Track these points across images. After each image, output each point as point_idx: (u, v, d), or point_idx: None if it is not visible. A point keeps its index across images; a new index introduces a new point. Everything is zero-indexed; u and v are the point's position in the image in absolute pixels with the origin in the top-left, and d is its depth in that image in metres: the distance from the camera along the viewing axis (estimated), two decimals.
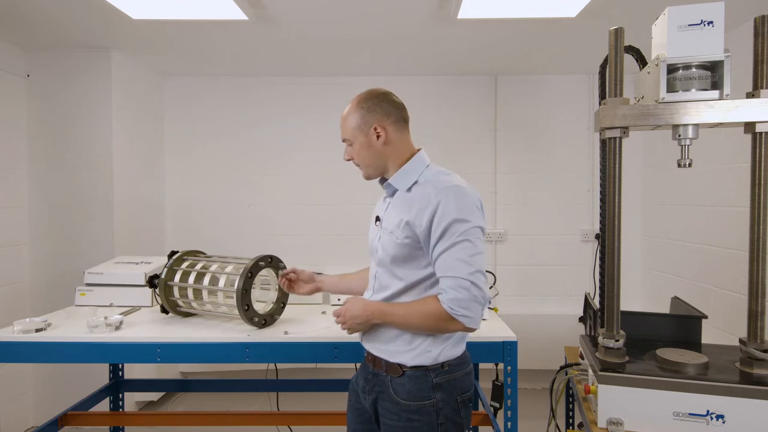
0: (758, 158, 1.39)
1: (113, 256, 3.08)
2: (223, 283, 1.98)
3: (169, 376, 3.66)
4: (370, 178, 1.50)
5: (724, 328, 2.79)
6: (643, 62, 1.66)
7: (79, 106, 3.21)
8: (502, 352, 1.80)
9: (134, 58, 3.43)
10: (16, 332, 1.87)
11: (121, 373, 2.73)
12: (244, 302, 1.85)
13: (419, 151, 1.47)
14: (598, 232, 2.30)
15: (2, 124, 3.04)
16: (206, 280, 2.08)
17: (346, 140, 1.48)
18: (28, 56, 3.21)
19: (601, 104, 1.51)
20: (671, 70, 1.41)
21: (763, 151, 1.38)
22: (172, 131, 3.96)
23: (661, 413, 1.35)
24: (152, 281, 2.19)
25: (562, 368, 1.86)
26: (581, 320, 2.12)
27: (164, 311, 2.13)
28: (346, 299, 1.46)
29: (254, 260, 1.91)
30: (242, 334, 1.87)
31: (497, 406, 1.84)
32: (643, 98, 1.56)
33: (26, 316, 2.73)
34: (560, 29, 2.87)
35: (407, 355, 1.37)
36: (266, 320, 1.94)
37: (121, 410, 2.74)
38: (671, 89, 1.41)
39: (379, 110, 1.42)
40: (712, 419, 1.31)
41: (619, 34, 1.43)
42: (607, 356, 1.48)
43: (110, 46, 3.16)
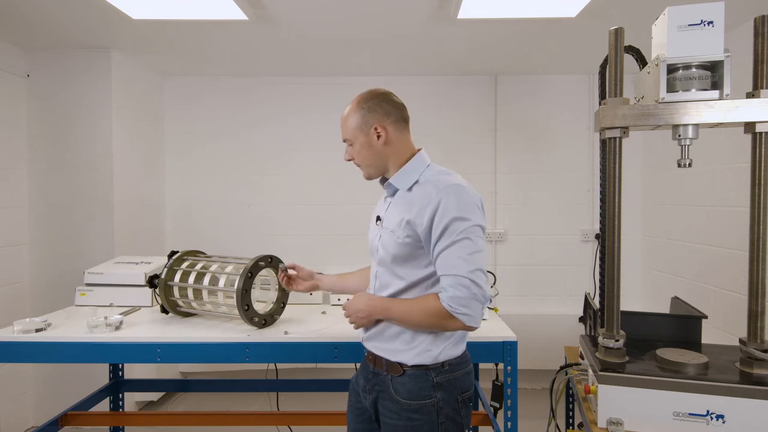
0: (758, 158, 1.39)
1: (113, 256, 3.08)
2: (223, 283, 1.97)
3: (169, 376, 3.66)
4: (371, 178, 1.50)
5: (724, 328, 2.79)
6: (643, 62, 1.66)
7: (79, 106, 3.21)
8: (502, 352, 1.80)
9: (134, 58, 3.43)
10: (16, 332, 1.87)
11: (121, 373, 2.73)
12: (244, 302, 1.85)
13: (420, 150, 1.47)
14: (598, 232, 2.29)
15: (2, 124, 3.04)
16: (206, 280, 2.08)
17: (346, 140, 1.48)
18: (28, 56, 3.21)
19: (601, 104, 1.50)
20: (671, 70, 1.41)
21: (763, 151, 1.38)
22: (172, 131, 3.96)
23: (661, 413, 1.35)
24: (152, 281, 2.19)
25: (562, 368, 1.87)
26: (581, 320, 2.12)
27: (164, 311, 2.13)
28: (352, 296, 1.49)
29: (254, 260, 1.91)
30: (242, 334, 1.87)
31: (497, 406, 1.84)
32: (643, 98, 1.56)
33: (26, 316, 2.73)
34: (560, 29, 2.87)
35: (408, 354, 1.38)
36: (266, 320, 1.94)
37: (121, 410, 2.74)
38: (671, 89, 1.41)
39: (379, 110, 1.42)
40: (712, 419, 1.31)
41: (619, 34, 1.43)
42: (607, 356, 1.48)
43: (110, 46, 3.16)
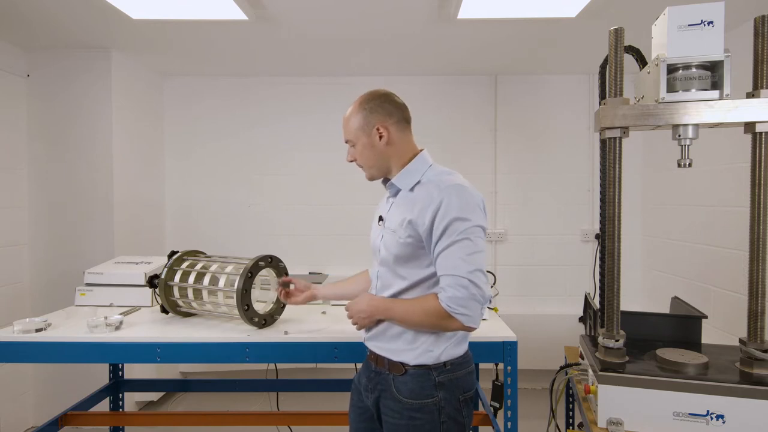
0: (758, 158, 1.39)
1: (113, 256, 3.08)
2: (223, 283, 1.97)
3: (169, 376, 3.66)
4: (373, 178, 1.50)
5: (724, 328, 2.79)
6: (643, 62, 1.66)
7: (79, 106, 3.21)
8: (502, 352, 1.79)
9: (134, 58, 3.43)
10: (16, 332, 1.87)
11: (121, 373, 2.73)
12: (244, 302, 1.85)
13: (422, 151, 1.47)
14: (598, 232, 2.29)
15: (2, 124, 3.04)
16: (206, 280, 2.08)
17: (348, 141, 1.48)
18: (28, 56, 3.21)
19: (601, 104, 1.51)
20: (671, 70, 1.41)
21: (763, 151, 1.38)
22: (172, 131, 3.96)
23: (661, 413, 1.35)
24: (152, 281, 2.19)
25: (562, 368, 1.87)
26: (581, 320, 2.12)
27: (164, 311, 2.13)
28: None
29: (254, 260, 1.91)
30: (242, 334, 1.87)
31: (497, 406, 1.84)
32: (643, 98, 1.56)
33: (26, 316, 2.72)
34: (560, 29, 2.87)
35: (410, 353, 1.38)
36: (266, 320, 1.94)
37: (121, 410, 2.74)
38: (671, 89, 1.41)
39: (381, 111, 1.43)
40: (712, 419, 1.31)
41: (619, 34, 1.43)
42: (607, 356, 1.48)
43: (110, 46, 3.16)
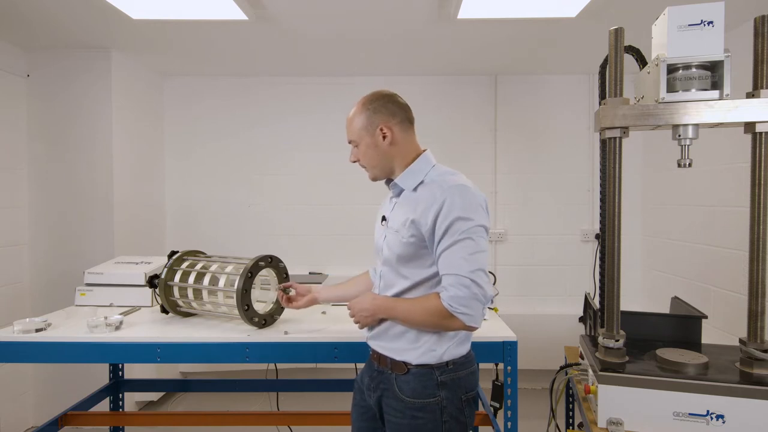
0: (758, 158, 1.39)
1: (113, 256, 3.08)
2: (223, 283, 1.97)
3: (169, 376, 3.65)
4: (376, 179, 1.51)
5: (724, 328, 2.79)
6: (643, 62, 1.66)
7: (79, 106, 3.21)
8: (502, 352, 1.79)
9: (134, 58, 3.43)
10: (16, 332, 1.87)
11: (121, 373, 2.73)
12: (244, 302, 1.85)
13: (425, 151, 1.48)
14: (598, 232, 2.29)
15: (2, 124, 3.04)
16: (206, 280, 2.08)
17: (352, 141, 1.49)
18: (28, 56, 3.21)
19: (601, 104, 1.51)
20: (671, 70, 1.41)
21: (763, 151, 1.38)
22: (172, 131, 3.96)
23: (661, 413, 1.35)
24: (152, 281, 2.19)
25: (562, 368, 1.87)
26: (581, 320, 2.12)
27: (164, 311, 2.13)
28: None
29: (254, 260, 1.91)
30: (242, 334, 1.87)
31: (497, 406, 1.84)
32: (643, 98, 1.56)
33: (26, 316, 2.72)
34: (560, 29, 2.87)
35: (412, 353, 1.38)
36: (266, 320, 1.94)
37: (121, 410, 2.73)
38: (671, 89, 1.41)
39: (384, 111, 1.43)
40: (712, 419, 1.31)
41: (619, 34, 1.43)
42: (607, 356, 1.48)
43: (110, 46, 3.16)
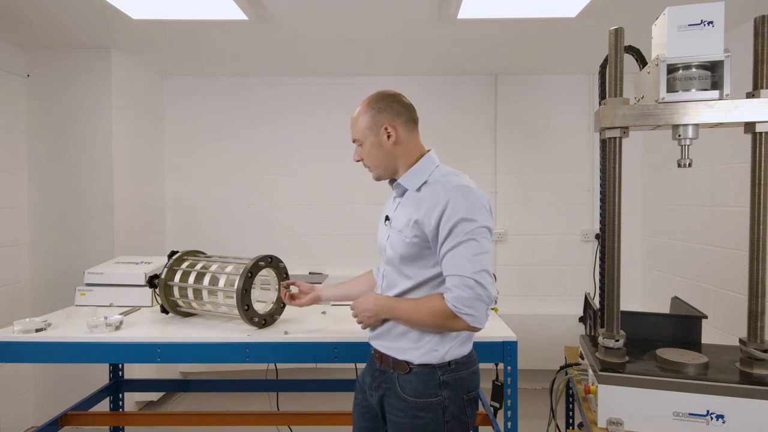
0: (758, 158, 1.39)
1: (113, 256, 3.08)
2: (223, 283, 1.97)
3: (169, 376, 3.65)
4: (380, 178, 1.51)
5: (724, 328, 2.79)
6: (643, 62, 1.66)
7: (79, 106, 3.21)
8: (502, 352, 1.79)
9: (134, 58, 3.43)
10: (16, 332, 1.87)
11: (121, 373, 2.73)
12: (244, 302, 1.85)
13: (429, 151, 1.48)
14: (598, 232, 2.29)
15: (2, 124, 3.04)
16: (206, 280, 2.08)
17: (356, 140, 1.49)
18: (28, 56, 3.20)
19: (601, 104, 1.51)
20: (671, 70, 1.41)
21: (763, 151, 1.38)
22: (172, 131, 3.96)
23: (661, 413, 1.35)
24: (152, 281, 2.19)
25: (562, 368, 1.87)
26: (581, 320, 2.12)
27: (164, 311, 2.13)
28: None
29: (254, 260, 1.91)
30: (242, 334, 1.87)
31: (497, 406, 1.83)
32: (643, 98, 1.56)
33: (26, 316, 2.72)
34: (560, 29, 2.87)
35: (415, 353, 1.38)
36: (266, 320, 1.94)
37: (121, 410, 2.73)
38: (671, 89, 1.41)
39: (389, 110, 1.44)
40: (712, 419, 1.31)
41: (619, 34, 1.43)
42: (607, 356, 1.48)
43: (110, 46, 3.16)
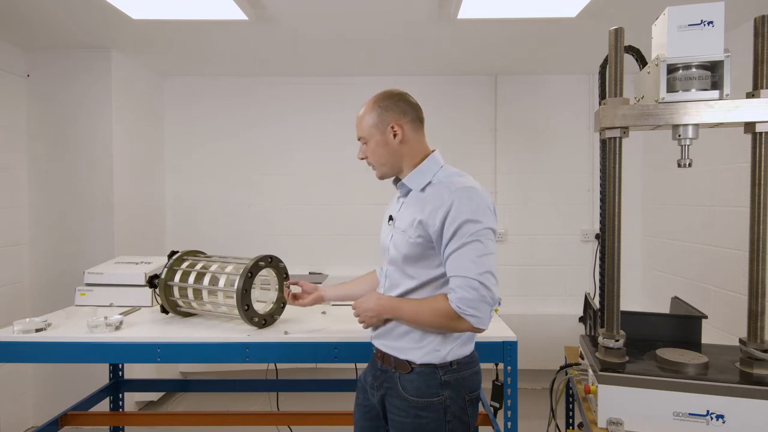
0: (758, 158, 1.39)
1: (113, 256, 3.08)
2: (223, 283, 1.97)
3: (169, 376, 3.65)
4: (384, 177, 1.50)
5: (724, 328, 2.79)
6: (643, 62, 1.66)
7: (79, 106, 3.21)
8: (502, 352, 1.79)
9: (134, 58, 3.43)
10: (16, 332, 1.87)
11: (121, 373, 2.73)
12: (244, 302, 1.85)
13: (434, 152, 1.48)
14: (598, 232, 2.29)
15: (2, 124, 3.04)
16: (206, 280, 2.08)
17: (361, 138, 1.49)
18: (28, 56, 3.20)
19: (601, 104, 1.51)
20: (671, 70, 1.41)
21: (763, 151, 1.38)
22: (172, 131, 3.96)
23: (661, 413, 1.35)
24: (152, 281, 2.19)
25: (562, 368, 1.87)
26: (581, 320, 2.12)
27: (164, 311, 2.13)
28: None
29: (254, 260, 1.91)
30: (242, 334, 1.87)
31: (497, 406, 1.83)
32: (643, 98, 1.56)
33: (26, 316, 2.72)
34: (560, 29, 2.87)
35: (417, 352, 1.38)
36: (266, 320, 1.94)
37: (121, 410, 2.73)
38: (671, 89, 1.41)
39: (396, 109, 1.44)
40: (712, 419, 1.31)
41: (619, 34, 1.43)
42: (607, 356, 1.48)
43: (110, 46, 3.16)
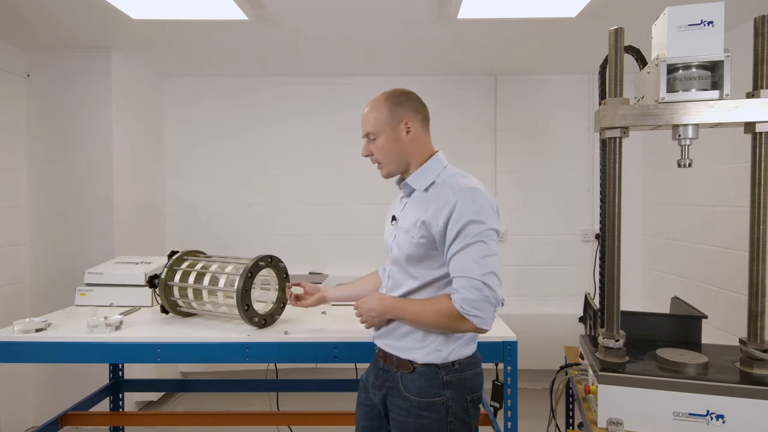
0: (758, 158, 1.39)
1: (113, 256, 3.08)
2: (223, 283, 1.97)
3: (169, 376, 3.65)
4: (390, 175, 1.50)
5: (724, 328, 2.79)
6: (643, 62, 1.66)
7: (79, 106, 3.21)
8: (502, 352, 1.80)
9: (134, 58, 3.43)
10: (16, 332, 1.87)
11: (121, 373, 2.73)
12: (244, 302, 1.85)
13: (438, 152, 1.48)
14: (598, 232, 2.29)
15: (2, 124, 3.04)
16: (206, 280, 2.08)
17: (369, 134, 1.46)
18: (28, 56, 3.20)
19: (601, 104, 1.51)
20: (671, 70, 1.41)
21: (763, 151, 1.38)
22: (172, 131, 3.96)
23: (661, 413, 1.35)
24: (152, 281, 2.19)
25: (562, 368, 1.87)
26: (581, 320, 2.12)
27: (164, 311, 2.13)
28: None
29: (254, 260, 1.91)
30: (242, 334, 1.87)
31: (497, 406, 1.83)
32: (643, 98, 1.56)
33: (26, 316, 2.72)
34: (560, 29, 2.87)
35: (419, 352, 1.38)
36: (266, 320, 1.94)
37: (121, 410, 2.73)
38: (671, 89, 1.41)
39: (409, 105, 1.45)
40: (712, 419, 1.31)
41: (619, 34, 1.43)
42: (607, 356, 1.48)
43: (110, 46, 3.16)
